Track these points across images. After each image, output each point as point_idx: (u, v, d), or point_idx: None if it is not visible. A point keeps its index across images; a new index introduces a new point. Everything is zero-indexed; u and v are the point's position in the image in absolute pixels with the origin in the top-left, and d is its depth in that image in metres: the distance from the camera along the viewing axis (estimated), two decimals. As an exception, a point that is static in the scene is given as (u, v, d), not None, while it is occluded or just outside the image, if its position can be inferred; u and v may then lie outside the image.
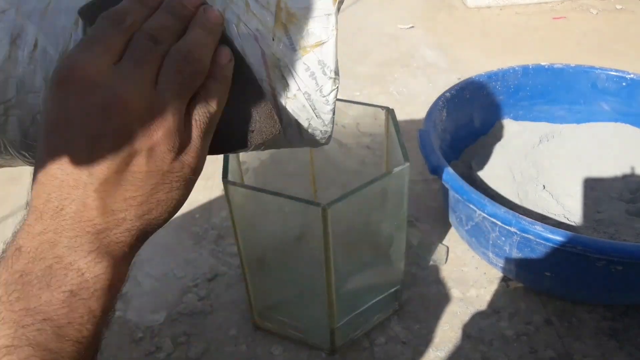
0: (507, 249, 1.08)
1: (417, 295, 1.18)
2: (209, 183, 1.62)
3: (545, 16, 2.56)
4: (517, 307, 1.15)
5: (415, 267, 1.25)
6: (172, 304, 1.21)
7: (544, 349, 1.06)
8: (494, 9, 2.66)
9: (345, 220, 0.89)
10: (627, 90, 1.46)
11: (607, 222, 1.19)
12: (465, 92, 1.45)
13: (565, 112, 1.55)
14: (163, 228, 1.50)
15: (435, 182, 1.52)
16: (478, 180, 1.35)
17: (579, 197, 1.28)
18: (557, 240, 0.95)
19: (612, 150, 1.40)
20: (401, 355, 1.06)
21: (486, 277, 1.22)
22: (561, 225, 1.21)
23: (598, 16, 2.54)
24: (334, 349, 1.06)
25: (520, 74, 1.51)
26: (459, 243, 1.31)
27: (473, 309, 1.15)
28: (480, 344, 1.07)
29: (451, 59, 2.21)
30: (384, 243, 1.07)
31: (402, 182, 0.93)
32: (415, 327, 1.11)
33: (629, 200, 1.26)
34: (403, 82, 2.07)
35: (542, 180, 1.33)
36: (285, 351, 1.09)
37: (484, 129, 1.53)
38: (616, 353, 1.04)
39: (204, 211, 1.49)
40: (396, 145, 0.97)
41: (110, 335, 1.16)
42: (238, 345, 1.11)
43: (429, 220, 1.39)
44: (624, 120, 1.48)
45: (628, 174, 1.34)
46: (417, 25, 2.54)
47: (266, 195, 0.92)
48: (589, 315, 1.12)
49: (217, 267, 1.30)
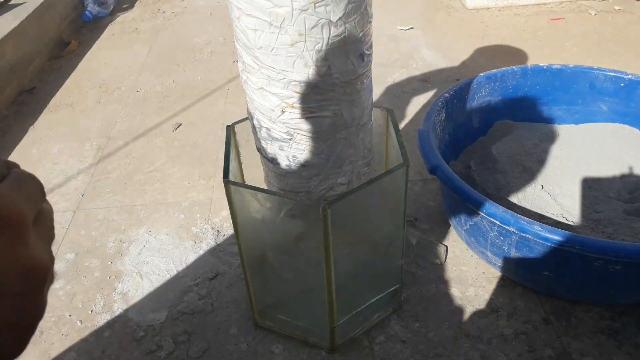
0: (505, 248, 1.09)
1: (416, 294, 1.19)
2: (210, 183, 1.63)
3: (544, 17, 2.57)
4: (515, 306, 1.15)
5: (415, 267, 1.26)
6: (173, 302, 1.22)
7: (543, 348, 1.06)
8: (493, 10, 2.67)
9: (345, 220, 0.89)
10: (625, 91, 1.47)
11: (605, 222, 1.20)
12: (464, 93, 1.45)
13: (564, 112, 1.56)
14: (164, 227, 1.50)
15: (435, 182, 1.53)
16: (477, 180, 1.35)
17: (577, 197, 1.28)
18: (556, 239, 0.95)
19: (610, 150, 1.41)
20: (400, 354, 1.07)
21: (485, 277, 1.22)
22: (559, 224, 1.22)
23: (596, 17, 2.54)
24: (334, 347, 1.07)
25: (518, 75, 1.52)
26: (457, 242, 1.32)
27: (472, 307, 1.15)
28: (479, 343, 1.08)
29: (450, 60, 2.22)
30: (383, 242, 1.07)
31: (401, 182, 0.93)
32: (415, 326, 1.12)
33: (627, 200, 1.26)
34: (403, 82, 2.07)
35: (540, 180, 1.33)
36: (285, 350, 1.09)
37: (482, 129, 1.54)
38: (614, 352, 1.05)
39: (204, 211, 1.50)
40: (396, 145, 0.98)
41: (112, 334, 1.16)
42: (239, 343, 1.11)
43: (428, 220, 1.39)
44: (622, 121, 1.49)
45: (626, 174, 1.35)
46: (416, 26, 2.55)
47: (266, 195, 0.93)
48: (587, 314, 1.12)
49: (217, 266, 1.30)
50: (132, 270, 1.32)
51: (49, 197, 1.72)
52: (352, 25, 0.76)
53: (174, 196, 1.56)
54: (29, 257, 0.28)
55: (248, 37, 0.77)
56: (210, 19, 2.80)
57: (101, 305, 1.23)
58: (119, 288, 1.27)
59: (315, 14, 0.71)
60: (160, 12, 2.94)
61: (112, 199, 1.57)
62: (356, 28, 0.77)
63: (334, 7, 0.71)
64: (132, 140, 1.84)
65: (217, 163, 1.68)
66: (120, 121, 1.96)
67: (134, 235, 1.42)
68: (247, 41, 0.78)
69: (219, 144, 1.77)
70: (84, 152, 1.79)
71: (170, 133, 1.86)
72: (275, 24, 0.72)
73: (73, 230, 1.46)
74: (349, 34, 0.76)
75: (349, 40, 0.77)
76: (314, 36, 0.73)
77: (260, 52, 0.77)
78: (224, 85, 2.14)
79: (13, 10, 2.35)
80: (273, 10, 0.71)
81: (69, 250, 1.39)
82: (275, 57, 0.76)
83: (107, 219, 1.49)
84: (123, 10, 2.99)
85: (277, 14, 0.71)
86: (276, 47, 0.75)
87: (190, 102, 2.05)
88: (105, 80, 2.25)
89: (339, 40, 0.76)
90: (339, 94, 0.82)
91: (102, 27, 2.79)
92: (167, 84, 2.19)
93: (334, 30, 0.74)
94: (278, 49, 0.75)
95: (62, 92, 2.19)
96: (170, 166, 1.69)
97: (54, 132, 1.92)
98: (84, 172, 1.69)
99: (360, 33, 0.78)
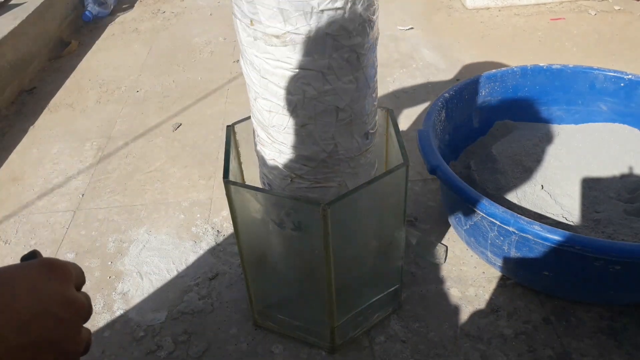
0: (505, 248, 1.09)
1: (416, 294, 1.19)
2: (210, 183, 1.63)
3: (544, 17, 2.57)
4: (515, 306, 1.15)
5: (415, 267, 1.26)
6: (173, 302, 1.22)
7: (543, 348, 1.06)
8: (493, 10, 2.67)
9: (345, 220, 0.90)
10: (625, 91, 1.47)
11: (605, 222, 1.20)
12: (464, 93, 1.45)
13: (564, 112, 1.56)
14: (164, 227, 1.50)
15: (435, 182, 1.53)
16: (477, 180, 1.35)
17: (577, 197, 1.28)
18: (556, 239, 0.95)
19: (610, 150, 1.41)
20: (400, 354, 1.07)
21: (485, 276, 1.22)
22: (559, 225, 1.22)
23: (596, 17, 2.54)
24: (334, 347, 1.06)
25: (518, 75, 1.52)
26: (457, 242, 1.32)
27: (472, 307, 1.15)
28: (479, 343, 1.08)
29: (450, 60, 2.22)
30: (383, 242, 1.07)
31: (401, 182, 0.93)
32: (415, 326, 1.12)
33: (627, 200, 1.26)
34: (402, 82, 2.07)
35: (540, 180, 1.33)
36: (285, 350, 1.09)
37: (482, 129, 1.54)
38: (614, 352, 1.05)
39: (204, 211, 1.50)
40: (396, 145, 0.98)
41: (112, 334, 1.16)
42: (238, 343, 1.11)
43: (428, 220, 1.39)
44: (622, 121, 1.49)
45: (626, 174, 1.35)
46: (416, 26, 2.55)
47: (266, 195, 0.93)
48: (587, 314, 1.12)
49: (217, 266, 1.30)
50: (132, 270, 1.32)
51: (49, 197, 1.73)
52: (358, 109, 0.82)
53: (174, 196, 1.56)
54: (72, 294, 0.39)
55: (263, 117, 0.85)
56: (211, 19, 2.80)
57: (101, 305, 1.23)
58: (119, 288, 1.27)
59: (324, 101, 0.78)
60: (160, 12, 2.94)
61: (112, 199, 1.57)
62: (362, 112, 0.84)
63: (342, 95, 0.78)
64: (132, 140, 1.84)
65: (217, 163, 1.68)
66: (120, 121, 1.96)
67: (134, 235, 1.42)
68: (262, 120, 0.85)
69: (219, 144, 1.77)
70: (84, 152, 1.79)
71: (170, 133, 1.86)
72: (289, 108, 0.79)
73: (73, 230, 1.46)
74: (355, 117, 0.83)
75: (355, 122, 0.84)
76: (323, 119, 0.80)
77: (273, 129, 0.84)
78: (224, 85, 2.14)
79: (13, 11, 2.35)
80: (287, 97, 0.78)
81: (69, 250, 1.39)
82: (286, 135, 0.83)
83: (107, 219, 1.49)
84: (123, 10, 2.99)
85: (290, 100, 0.78)
86: (288, 126, 0.82)
87: (190, 102, 2.05)
88: (105, 80, 2.25)
89: (346, 123, 0.82)
90: (344, 167, 0.89)
91: (102, 27, 2.79)
92: (167, 84, 2.19)
93: (341, 114, 0.81)
94: (289, 128, 0.82)
95: (62, 92, 2.19)
96: (170, 166, 1.69)
97: (54, 132, 1.92)
98: (84, 172, 1.69)
99: (365, 116, 0.85)
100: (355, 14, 0.73)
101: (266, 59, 0.76)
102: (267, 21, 0.71)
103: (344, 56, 0.75)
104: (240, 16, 0.75)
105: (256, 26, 0.73)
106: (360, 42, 0.76)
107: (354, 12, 0.72)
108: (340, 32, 0.73)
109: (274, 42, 0.73)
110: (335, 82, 0.77)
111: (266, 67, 0.77)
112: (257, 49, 0.76)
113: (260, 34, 0.74)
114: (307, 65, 0.74)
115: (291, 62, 0.74)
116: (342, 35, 0.73)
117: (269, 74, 0.77)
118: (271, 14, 0.70)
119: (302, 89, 0.77)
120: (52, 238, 1.44)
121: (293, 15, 0.70)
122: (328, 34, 0.72)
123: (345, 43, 0.74)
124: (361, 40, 0.76)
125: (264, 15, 0.71)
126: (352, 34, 0.74)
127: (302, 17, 0.70)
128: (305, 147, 0.84)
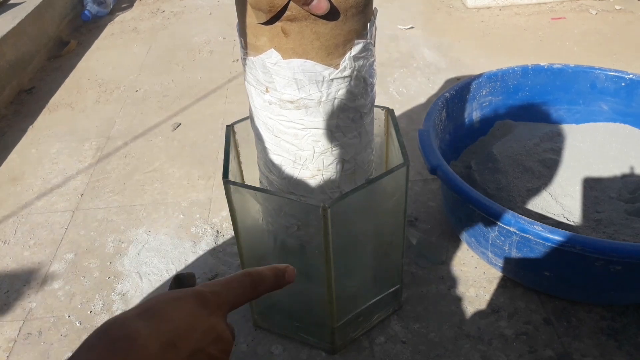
0: (506, 248, 1.09)
1: (416, 294, 1.19)
2: (209, 183, 1.62)
3: (545, 17, 2.56)
4: (516, 306, 1.15)
5: (415, 267, 1.25)
6: (172, 303, 1.21)
7: (543, 349, 1.06)
8: (493, 9, 2.67)
9: (345, 220, 0.89)
10: (626, 90, 1.46)
11: (606, 222, 1.20)
12: (464, 93, 1.45)
13: (565, 112, 1.56)
14: (163, 227, 1.49)
15: (435, 181, 1.52)
16: (477, 180, 1.35)
17: (578, 197, 1.28)
18: (556, 240, 0.95)
19: (611, 150, 1.40)
20: (401, 355, 1.06)
21: (485, 277, 1.22)
22: (560, 225, 1.21)
23: (597, 16, 2.54)
24: (334, 348, 1.06)
25: (519, 74, 1.51)
26: (458, 243, 1.31)
27: (472, 308, 1.15)
28: (480, 343, 1.08)
29: (450, 60, 2.21)
30: (383, 242, 1.07)
31: (401, 182, 0.93)
32: (415, 327, 1.12)
33: (628, 200, 1.26)
34: (403, 82, 2.07)
35: (541, 180, 1.33)
36: (285, 350, 1.09)
37: (483, 129, 1.54)
38: (615, 352, 1.05)
39: (203, 211, 1.49)
40: (396, 145, 0.98)
41: (111, 334, 1.16)
42: (238, 344, 1.11)
43: (428, 220, 1.39)
44: (623, 121, 1.49)
45: (627, 174, 1.34)
46: (416, 25, 2.54)
47: (266, 195, 0.92)
48: (587, 314, 1.12)
49: (217, 266, 1.30)
50: (131, 270, 1.31)
51: (47, 197, 1.72)
52: (361, 159, 0.91)
53: (173, 196, 1.55)
54: (223, 330, 0.39)
55: (274, 170, 0.90)
56: (210, 18, 2.79)
57: (100, 305, 1.23)
58: (118, 288, 1.27)
59: (332, 155, 0.86)
60: (160, 11, 2.94)
61: (111, 199, 1.56)
62: (363, 161, 0.92)
63: (347, 149, 0.87)
64: (132, 140, 1.83)
65: (217, 163, 1.68)
66: (120, 121, 1.95)
67: (133, 235, 1.42)
68: (273, 172, 0.91)
69: (219, 144, 1.77)
70: (83, 152, 1.79)
71: (170, 133, 1.86)
72: (299, 162, 0.87)
73: (72, 230, 1.45)
74: (358, 167, 0.92)
75: (358, 170, 0.92)
76: (330, 170, 0.89)
77: (283, 181, 0.90)
78: (224, 85, 2.14)
79: (12, 10, 2.34)
80: (297, 152, 0.86)
81: (68, 250, 1.39)
82: (296, 186, 0.90)
83: (106, 219, 1.48)
84: (122, 9, 2.98)
85: (301, 156, 0.86)
86: (297, 177, 0.88)
87: (189, 101, 2.04)
88: (104, 80, 2.25)
89: (350, 172, 0.91)
90: None
91: (101, 26, 2.78)
92: (166, 84, 2.18)
93: (346, 165, 0.89)
94: (299, 179, 0.88)
95: (61, 91, 2.19)
96: (170, 166, 1.69)
97: (53, 132, 1.91)
98: (83, 172, 1.69)
99: (366, 164, 0.94)
100: (359, 79, 0.81)
101: (280, 121, 0.83)
102: (282, 89, 0.78)
103: (349, 116, 0.84)
104: (255, 83, 0.82)
105: (271, 93, 0.80)
106: (363, 103, 0.85)
107: (358, 79, 0.81)
108: (347, 96, 0.81)
109: (288, 107, 0.80)
110: (341, 139, 0.86)
111: (280, 128, 0.84)
112: (271, 112, 0.83)
113: (276, 100, 0.80)
114: (318, 125, 0.82)
115: (303, 123, 0.82)
116: (348, 98, 0.81)
117: (282, 133, 0.84)
118: (286, 83, 0.78)
119: (312, 146, 0.84)
120: (51, 238, 1.43)
121: (306, 84, 0.77)
122: (336, 98, 0.80)
123: (351, 105, 0.83)
124: (364, 102, 0.85)
125: (279, 84, 0.78)
126: (357, 97, 0.83)
127: (314, 85, 0.77)
128: (314, 195, 0.90)
